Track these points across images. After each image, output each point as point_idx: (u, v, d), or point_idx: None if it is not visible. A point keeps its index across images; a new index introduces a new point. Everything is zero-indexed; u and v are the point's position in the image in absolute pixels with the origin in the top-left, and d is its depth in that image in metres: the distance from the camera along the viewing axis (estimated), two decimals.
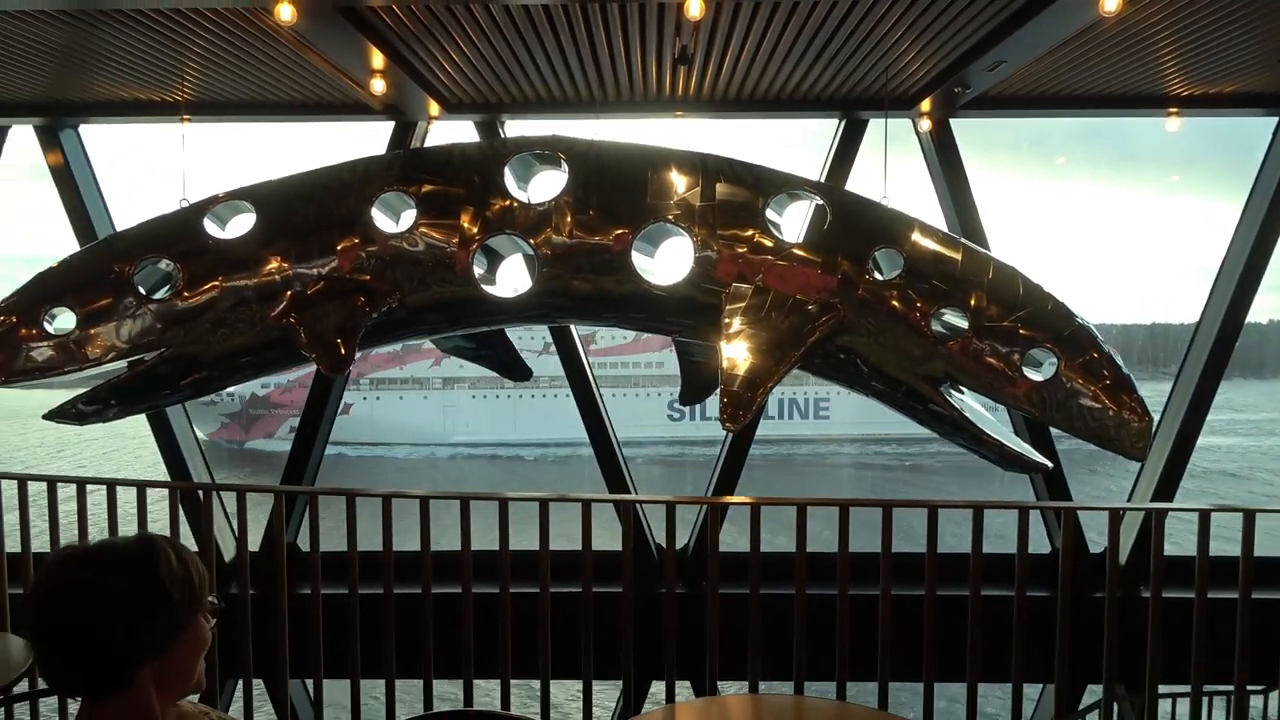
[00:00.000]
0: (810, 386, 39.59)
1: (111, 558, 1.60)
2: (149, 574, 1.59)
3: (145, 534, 1.70)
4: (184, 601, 1.62)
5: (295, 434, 6.79)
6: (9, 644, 3.24)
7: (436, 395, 38.91)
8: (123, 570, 1.58)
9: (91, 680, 1.58)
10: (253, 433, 38.03)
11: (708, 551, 4.16)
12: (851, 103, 6.08)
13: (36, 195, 10.09)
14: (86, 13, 4.49)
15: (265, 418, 38.03)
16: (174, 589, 1.60)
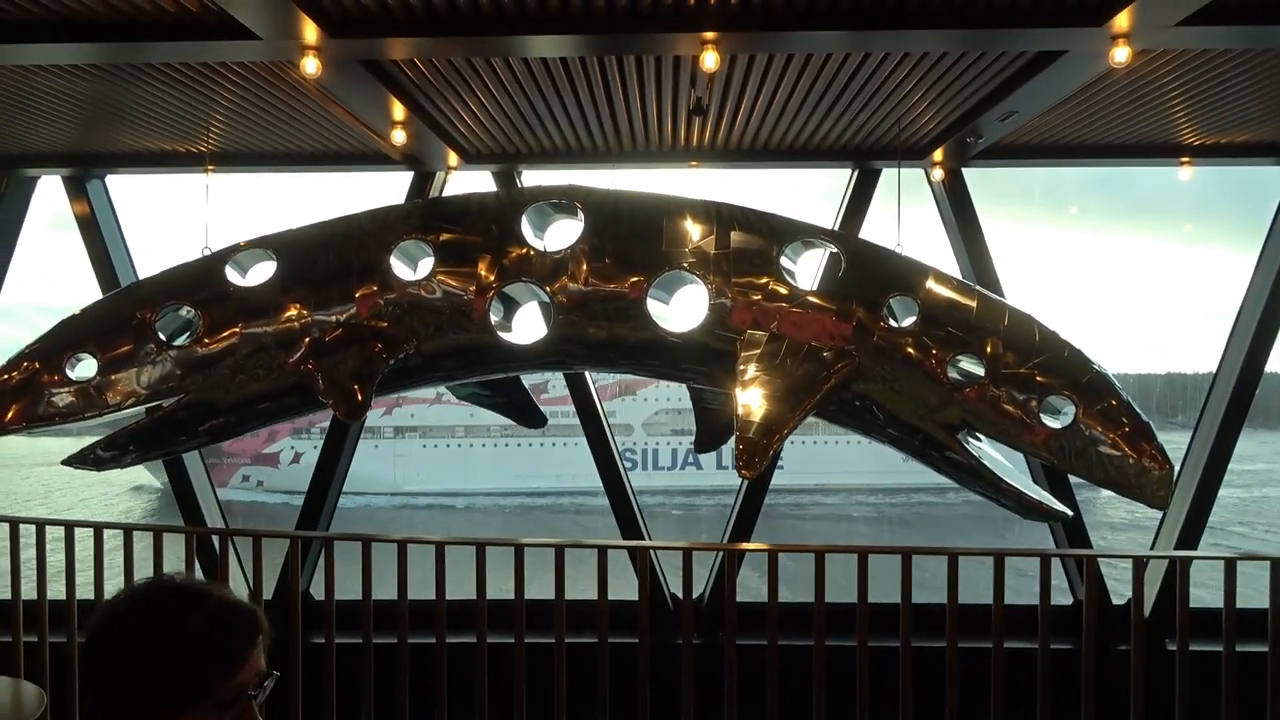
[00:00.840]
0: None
1: (120, 628, 1.48)
2: (163, 639, 1.45)
3: (155, 589, 1.54)
4: (188, 687, 1.44)
5: (311, 481, 6.79)
6: (23, 690, 3.23)
7: (387, 444, 38.70)
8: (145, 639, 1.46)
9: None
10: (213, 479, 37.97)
11: (724, 600, 4.11)
12: (864, 153, 6.15)
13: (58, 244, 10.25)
14: (116, 66, 4.62)
15: (218, 466, 37.88)
16: (178, 669, 1.44)
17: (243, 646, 1.49)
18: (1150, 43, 4.05)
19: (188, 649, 1.44)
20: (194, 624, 1.46)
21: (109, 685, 1.46)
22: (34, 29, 4.12)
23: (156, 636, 1.44)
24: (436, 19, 3.99)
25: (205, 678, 1.45)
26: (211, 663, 1.46)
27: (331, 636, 4.18)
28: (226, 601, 1.52)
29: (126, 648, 1.45)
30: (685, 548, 3.94)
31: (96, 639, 1.49)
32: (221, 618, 1.49)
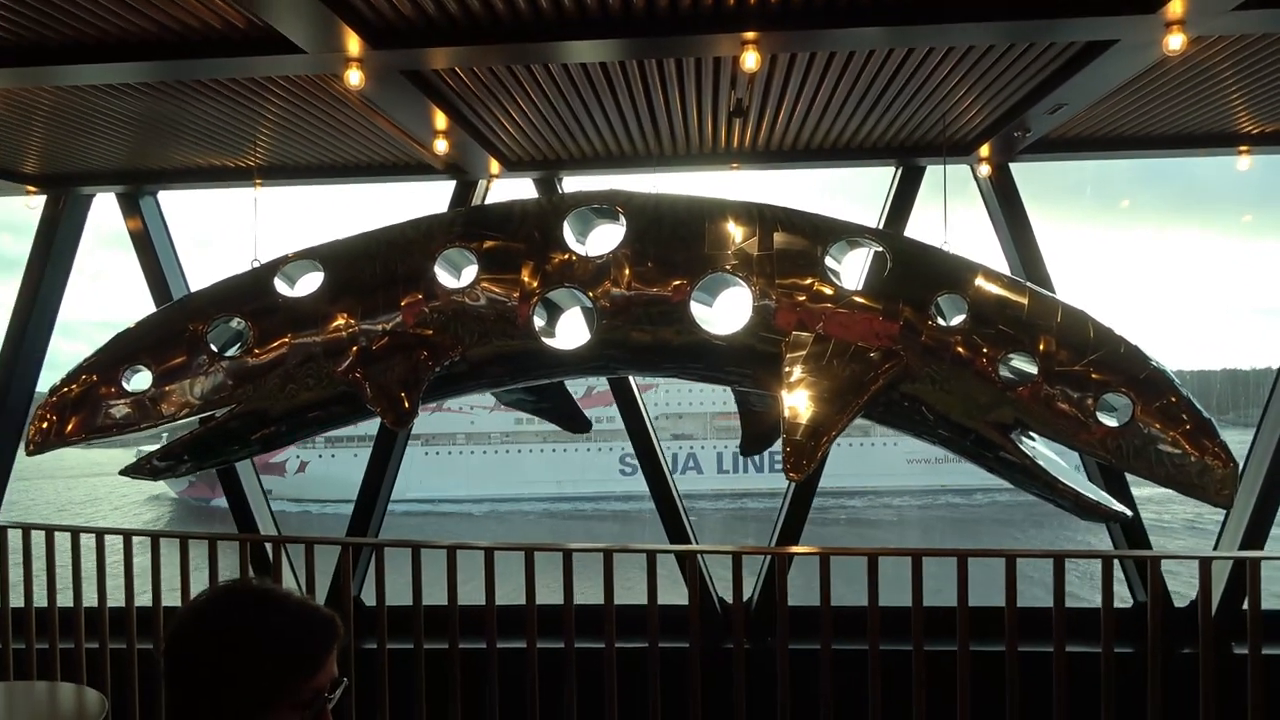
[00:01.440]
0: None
1: (215, 604, 1.53)
2: (244, 632, 1.49)
3: (259, 591, 1.57)
4: (264, 689, 1.47)
5: (360, 488, 6.87)
6: (85, 697, 3.30)
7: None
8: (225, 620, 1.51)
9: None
10: (217, 490, 38.50)
11: (775, 604, 4.06)
12: (908, 150, 6.06)
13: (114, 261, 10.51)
14: (166, 84, 4.72)
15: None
16: (264, 661, 1.48)
17: (322, 649, 1.52)
18: (1205, 28, 3.93)
19: (273, 648, 1.47)
20: (279, 624, 1.50)
21: (196, 684, 1.48)
22: (89, 51, 4.23)
23: (244, 636, 1.48)
24: (477, 27, 4.01)
25: (288, 677, 1.47)
26: (294, 663, 1.49)
27: (384, 642, 4.21)
28: (307, 605, 1.56)
29: (214, 647, 1.48)
30: (734, 551, 3.90)
31: (184, 638, 1.51)
32: (304, 620, 1.52)
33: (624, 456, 39.24)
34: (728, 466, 39.60)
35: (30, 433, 4.34)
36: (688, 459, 40.08)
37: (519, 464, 39.76)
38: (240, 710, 1.46)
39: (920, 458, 37.50)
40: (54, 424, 4.22)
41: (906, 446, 37.15)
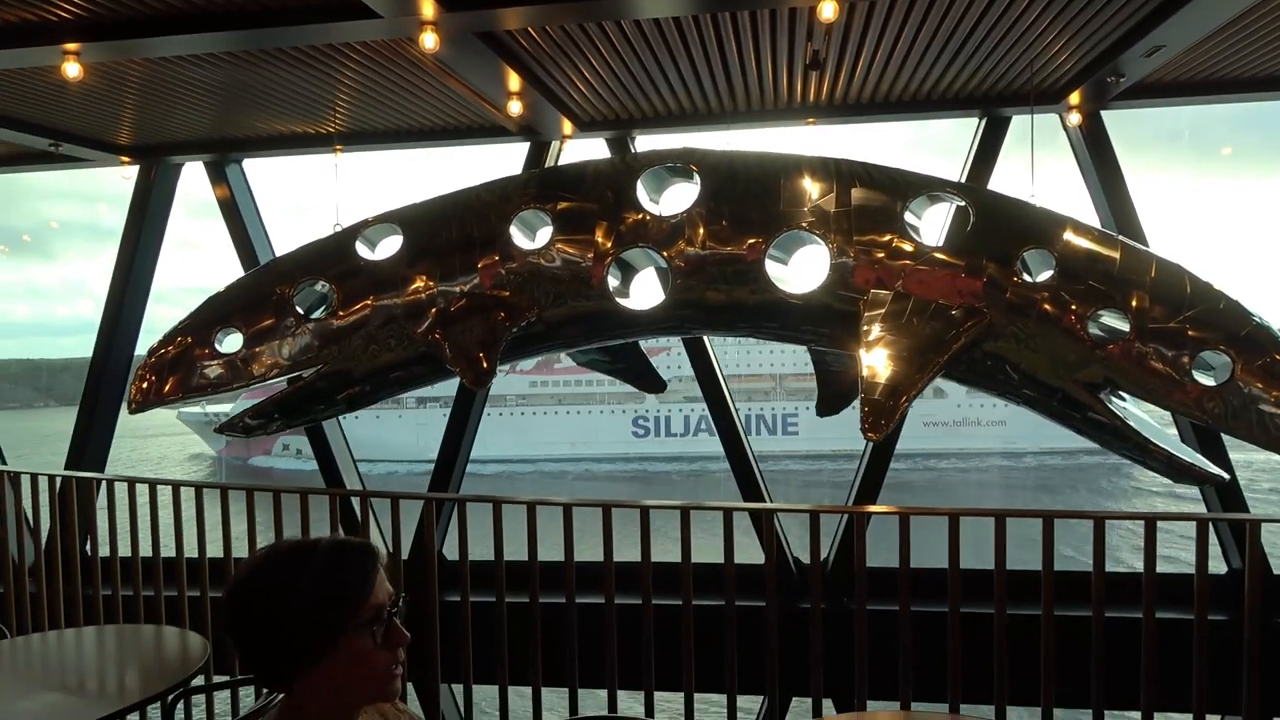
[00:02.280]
0: (778, 402, 39.02)
1: (269, 565, 1.65)
2: (293, 587, 1.60)
3: (284, 546, 1.68)
4: (325, 620, 1.59)
5: (440, 446, 7.06)
6: (188, 640, 3.49)
7: (410, 414, 39.26)
8: (277, 578, 1.62)
9: (261, 677, 1.67)
10: (253, 450, 39.69)
11: (854, 564, 4.03)
12: (993, 99, 5.84)
13: (200, 228, 10.89)
14: (249, 53, 4.83)
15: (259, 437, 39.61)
16: (310, 608, 1.59)
17: (363, 574, 1.64)
18: None
19: (317, 589, 1.60)
20: (315, 567, 1.62)
21: (260, 637, 1.61)
22: (176, 22, 4.34)
23: (289, 586, 1.60)
24: None
25: (340, 608, 1.60)
26: (340, 595, 1.61)
27: (466, 595, 4.33)
28: (340, 541, 1.68)
29: (265, 604, 1.61)
30: (811, 510, 3.87)
31: (239, 601, 1.64)
32: (338, 555, 1.64)
33: (637, 419, 39.75)
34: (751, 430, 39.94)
35: (131, 393, 4.55)
36: (700, 421, 40.08)
37: (533, 426, 40.19)
38: (310, 648, 1.59)
39: (936, 421, 37.09)
40: (153, 384, 4.41)
41: (922, 409, 36.79)
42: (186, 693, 3.32)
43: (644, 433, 40.61)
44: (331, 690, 1.62)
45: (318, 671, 1.60)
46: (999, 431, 37.04)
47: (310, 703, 1.62)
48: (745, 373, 39.70)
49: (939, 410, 37.69)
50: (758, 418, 39.61)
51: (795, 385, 40.15)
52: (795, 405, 38.98)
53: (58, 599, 5.14)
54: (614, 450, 40.27)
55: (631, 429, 40.27)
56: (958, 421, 36.82)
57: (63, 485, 5.13)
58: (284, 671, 1.61)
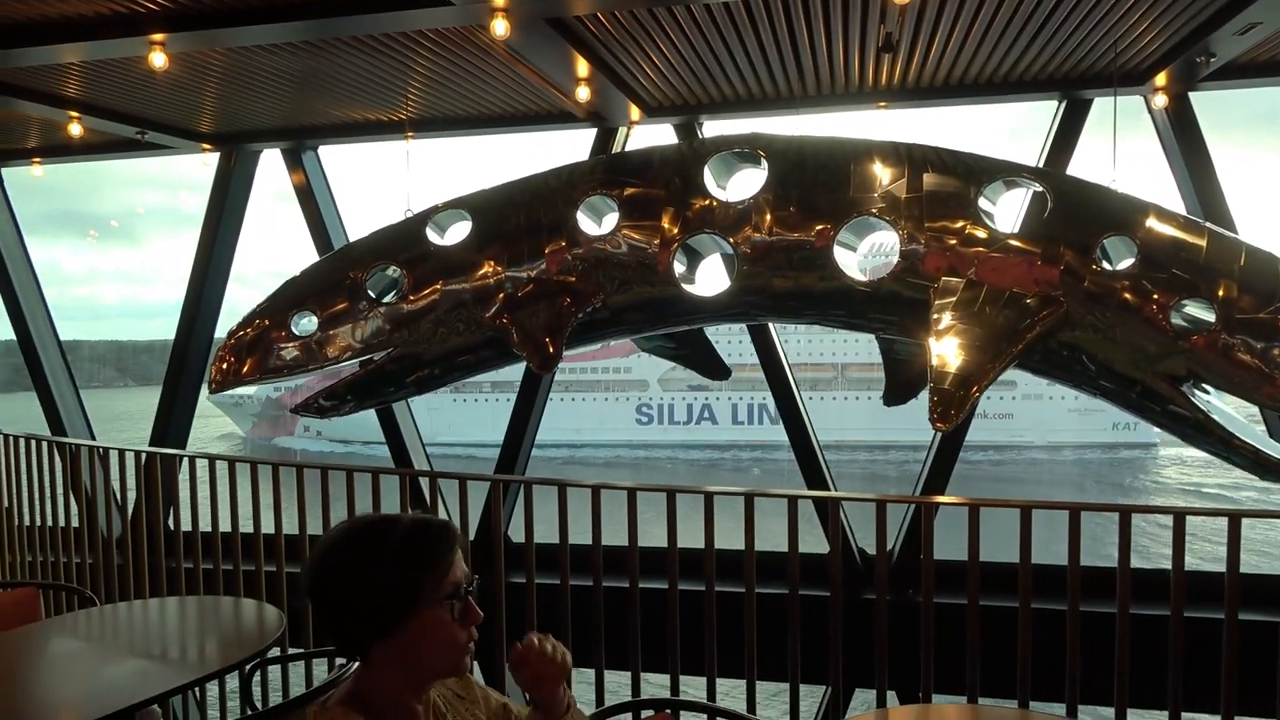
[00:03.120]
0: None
1: (350, 540, 1.70)
2: (376, 559, 1.65)
3: (368, 519, 1.79)
4: (405, 591, 1.64)
5: (507, 429, 7.16)
6: (265, 613, 3.61)
7: (421, 399, 39.31)
8: (358, 552, 1.67)
9: (340, 649, 1.72)
10: (278, 431, 40.65)
11: (920, 555, 3.97)
12: (1074, 81, 5.65)
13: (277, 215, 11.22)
14: (325, 41, 4.93)
15: (283, 418, 40.51)
16: (406, 575, 1.65)
17: (442, 551, 1.69)
18: None
19: (399, 561, 1.65)
20: (398, 541, 1.67)
21: (344, 606, 1.66)
22: (256, 12, 4.46)
23: (372, 558, 1.66)
24: None
25: (422, 581, 1.65)
26: (420, 569, 1.66)
27: (532, 577, 4.39)
28: (421, 518, 1.75)
29: (348, 573, 1.67)
30: (878, 499, 3.81)
31: (324, 570, 1.70)
32: (417, 529, 1.70)
33: (640, 406, 40.19)
34: (742, 418, 39.95)
35: (212, 374, 4.71)
36: (703, 410, 40.29)
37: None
38: (390, 618, 1.64)
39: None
40: (232, 365, 4.55)
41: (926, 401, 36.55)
42: (263, 663, 3.44)
43: (648, 420, 41.05)
44: (406, 661, 1.67)
45: (395, 642, 1.65)
46: (1005, 425, 36.79)
47: (385, 672, 1.67)
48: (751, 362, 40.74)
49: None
50: (760, 407, 39.56)
51: (801, 376, 40.15)
52: (803, 395, 39.03)
53: (142, 570, 5.37)
54: (617, 438, 40.46)
55: (636, 417, 40.46)
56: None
57: (147, 461, 5.34)
58: (362, 640, 1.66)
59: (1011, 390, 35.82)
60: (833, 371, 40.26)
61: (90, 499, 5.59)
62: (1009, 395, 36.14)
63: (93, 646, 3.45)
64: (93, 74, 5.53)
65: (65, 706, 2.89)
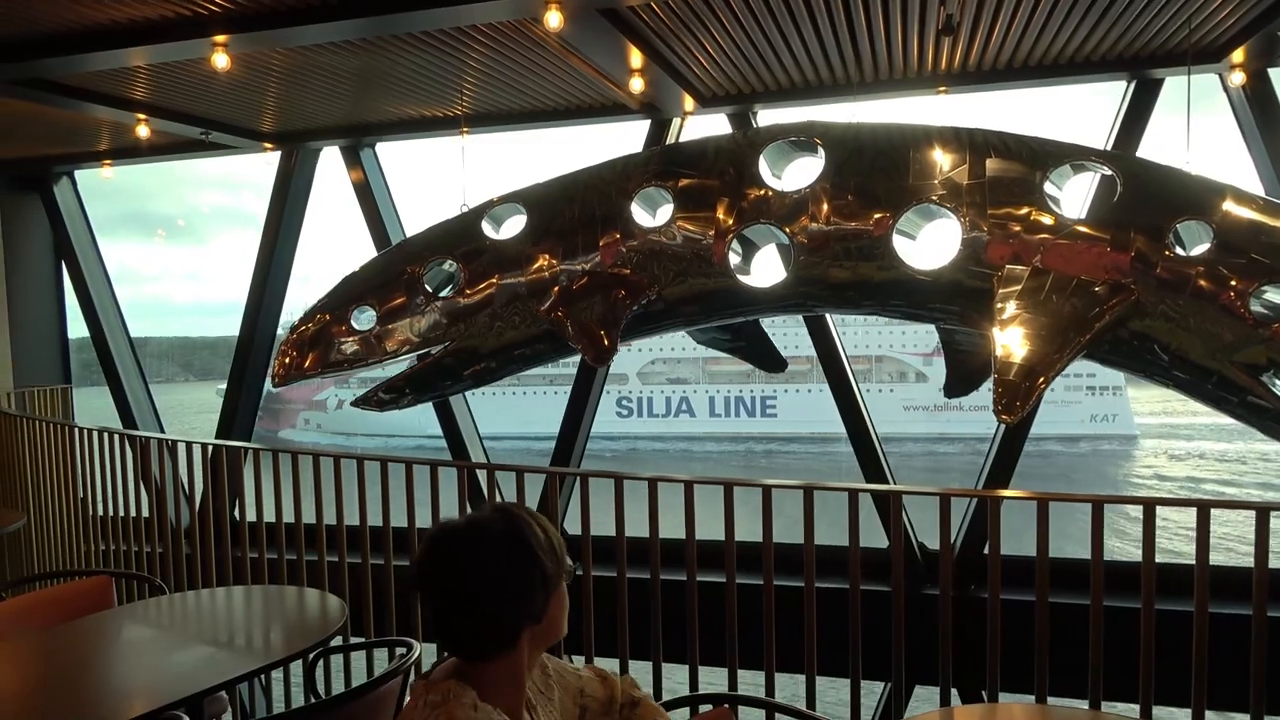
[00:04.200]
0: (757, 384, 39.04)
1: (494, 532, 1.72)
2: (528, 546, 1.72)
3: (507, 506, 1.82)
4: (555, 569, 1.75)
5: (562, 421, 7.18)
6: (328, 602, 3.66)
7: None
8: (506, 544, 1.71)
9: (483, 645, 1.71)
10: (281, 423, 41.19)
11: (988, 550, 3.88)
12: (1143, 61, 5.45)
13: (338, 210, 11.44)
14: (382, 38, 4.99)
15: (283, 411, 41.00)
16: (547, 559, 1.73)
17: (559, 542, 1.81)
18: None
19: (546, 543, 1.76)
20: (542, 525, 1.78)
21: (494, 582, 1.69)
22: (315, 11, 4.53)
23: (529, 537, 1.73)
24: None
25: (560, 564, 1.77)
26: (560, 552, 1.78)
27: (589, 569, 4.39)
28: (516, 504, 1.91)
29: (507, 551, 1.71)
30: (940, 493, 3.72)
31: (479, 545, 1.72)
32: (535, 515, 1.80)
33: (621, 399, 40.02)
34: (720, 410, 40.03)
35: (275, 368, 4.80)
36: (680, 403, 40.31)
37: (525, 405, 40.40)
38: (544, 601, 1.73)
39: (917, 405, 37.18)
40: (295, 360, 4.64)
41: (904, 393, 37.29)
42: (326, 652, 3.49)
43: (628, 413, 41.04)
44: (543, 639, 1.77)
45: (540, 623, 1.74)
46: (981, 416, 35.96)
47: (523, 654, 1.73)
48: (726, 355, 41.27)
49: (918, 395, 37.61)
50: (736, 400, 39.75)
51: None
52: (774, 388, 38.92)
53: (210, 559, 5.51)
54: (598, 429, 40.70)
55: (616, 409, 40.56)
56: (939, 406, 36.19)
57: (214, 453, 5.48)
58: (518, 628, 1.71)
59: (988, 382, 35.90)
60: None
61: (160, 490, 5.75)
62: (985, 385, 36.07)
63: (163, 633, 3.54)
64: (158, 76, 5.68)
65: (137, 691, 2.97)
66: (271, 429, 42.10)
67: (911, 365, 37.78)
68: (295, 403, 41.54)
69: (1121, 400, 35.97)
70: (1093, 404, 35.79)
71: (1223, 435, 35.17)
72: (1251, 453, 34.04)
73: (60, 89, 5.77)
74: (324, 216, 13.26)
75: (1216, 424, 35.00)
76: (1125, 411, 35.96)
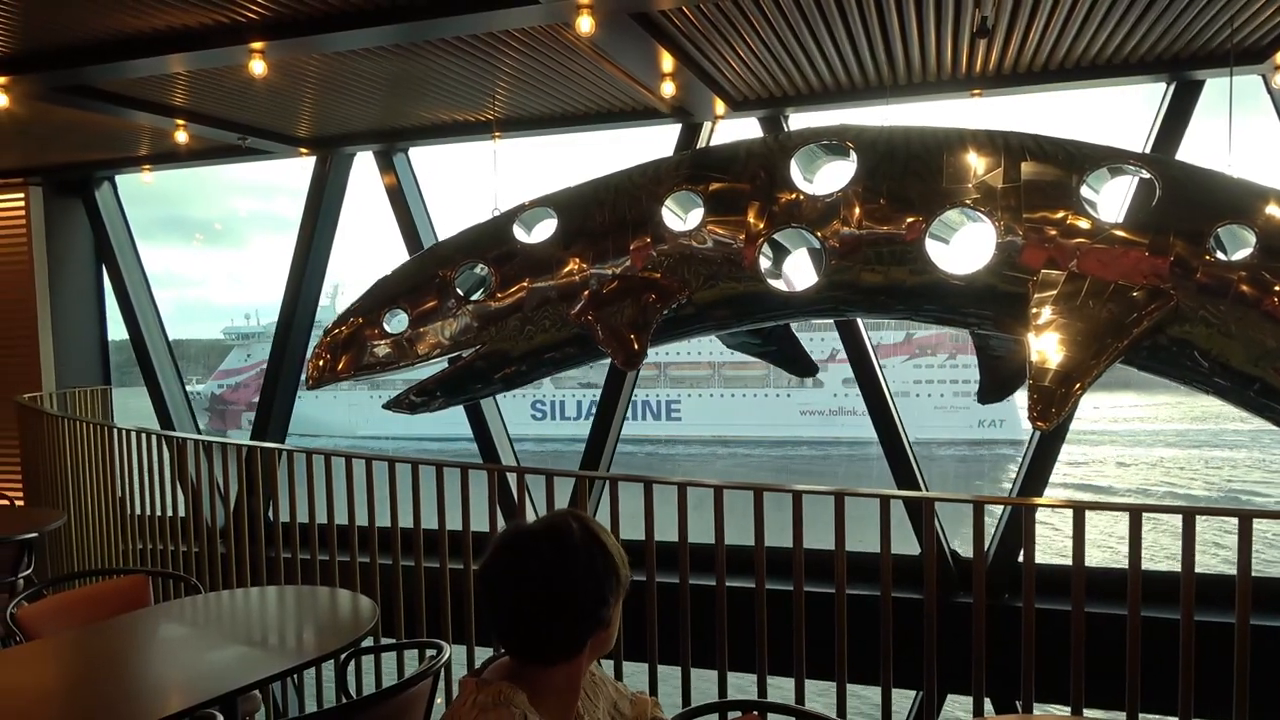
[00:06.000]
0: (664, 389, 40.56)
1: (572, 537, 1.71)
2: (605, 552, 1.71)
3: (577, 511, 1.81)
4: (626, 577, 1.74)
5: (592, 423, 7.20)
6: (360, 603, 3.69)
7: (344, 395, 40.03)
8: (585, 549, 1.69)
9: (549, 649, 1.69)
10: (227, 424, 41.88)
11: (1025, 558, 3.82)
12: (1183, 62, 5.36)
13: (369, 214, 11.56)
14: (416, 44, 5.03)
15: (227, 411, 42.15)
16: (623, 567, 1.73)
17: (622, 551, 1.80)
18: None
19: (617, 550, 1.75)
20: (602, 535, 1.75)
21: (579, 611, 1.68)
22: (350, 17, 4.58)
23: (602, 543, 1.73)
24: None
25: (626, 569, 1.77)
26: (623, 560, 1.77)
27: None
28: (571, 511, 1.84)
29: (584, 555, 1.69)
30: (974, 500, 3.68)
31: (554, 550, 1.69)
32: (595, 522, 1.79)
33: (535, 403, 41.26)
34: (628, 414, 41.07)
35: (309, 370, 4.85)
36: (590, 406, 41.50)
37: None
38: (609, 601, 1.72)
39: (813, 409, 38.45)
40: (328, 362, 4.68)
41: (801, 398, 38.39)
42: (357, 652, 3.52)
43: (541, 416, 42.09)
44: (604, 646, 1.75)
45: (603, 631, 1.73)
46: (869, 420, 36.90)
47: (584, 661, 1.73)
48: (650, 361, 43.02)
49: (814, 399, 38.71)
50: (643, 404, 40.92)
51: (679, 374, 41.37)
52: (678, 393, 40.65)
53: (244, 560, 5.58)
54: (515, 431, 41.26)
55: (531, 412, 41.60)
56: (834, 410, 37.88)
57: (248, 454, 5.55)
58: (585, 636, 1.70)
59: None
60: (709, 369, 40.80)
61: (196, 490, 5.83)
62: None
63: (198, 632, 3.59)
64: (197, 82, 5.77)
65: (172, 689, 3.01)
66: (220, 429, 43.07)
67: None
68: (236, 404, 42.68)
69: (1009, 405, 36.85)
70: (981, 409, 36.10)
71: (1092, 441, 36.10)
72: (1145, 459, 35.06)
73: (103, 95, 5.88)
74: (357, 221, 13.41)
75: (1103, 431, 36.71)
76: (1013, 417, 36.47)
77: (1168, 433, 38.81)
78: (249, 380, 40.86)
